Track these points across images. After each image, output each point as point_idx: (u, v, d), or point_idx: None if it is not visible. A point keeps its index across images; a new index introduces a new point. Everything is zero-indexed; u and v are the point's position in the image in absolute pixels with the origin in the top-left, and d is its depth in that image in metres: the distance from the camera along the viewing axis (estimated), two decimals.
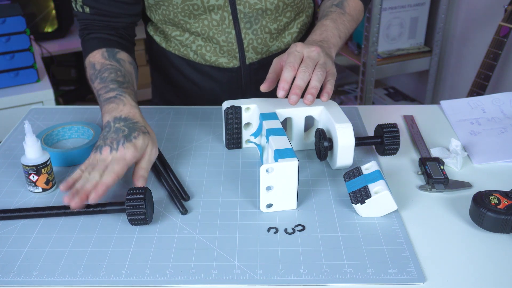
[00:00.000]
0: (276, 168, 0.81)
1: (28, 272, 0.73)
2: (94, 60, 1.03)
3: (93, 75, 1.01)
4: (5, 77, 1.80)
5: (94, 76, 1.01)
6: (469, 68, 2.32)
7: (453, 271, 0.73)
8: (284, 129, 0.96)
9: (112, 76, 0.99)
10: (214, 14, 1.07)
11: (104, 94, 0.95)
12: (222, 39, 1.11)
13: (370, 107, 1.19)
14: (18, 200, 0.89)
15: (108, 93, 0.95)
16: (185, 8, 1.06)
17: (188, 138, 1.06)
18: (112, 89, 0.95)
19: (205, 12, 1.07)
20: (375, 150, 1.01)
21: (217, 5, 1.06)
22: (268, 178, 0.82)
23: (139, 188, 0.81)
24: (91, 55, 1.05)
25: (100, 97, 0.96)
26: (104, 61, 1.02)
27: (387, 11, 2.33)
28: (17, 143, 1.05)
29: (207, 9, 1.06)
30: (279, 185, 0.83)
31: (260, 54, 1.16)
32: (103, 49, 1.04)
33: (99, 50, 1.04)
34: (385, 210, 0.83)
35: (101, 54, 1.04)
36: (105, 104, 0.94)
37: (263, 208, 0.85)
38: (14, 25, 1.74)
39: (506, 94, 1.15)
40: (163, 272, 0.73)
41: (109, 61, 1.02)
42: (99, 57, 1.03)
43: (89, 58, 1.05)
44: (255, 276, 0.72)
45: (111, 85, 0.96)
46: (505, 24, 1.90)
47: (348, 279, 0.72)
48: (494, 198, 0.80)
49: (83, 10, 1.07)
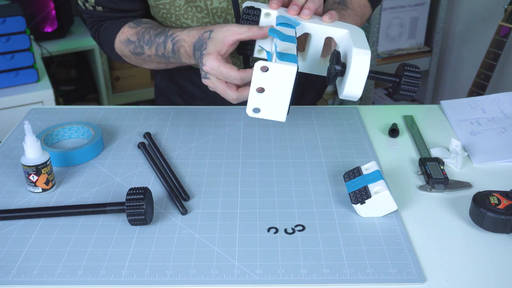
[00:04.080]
0: (272, 68, 0.75)
1: (28, 272, 0.73)
2: (126, 35, 1.05)
3: (136, 47, 1.04)
4: (5, 77, 1.80)
5: (138, 47, 1.03)
6: (469, 68, 2.32)
7: (453, 271, 0.73)
8: (301, 49, 0.91)
9: (152, 32, 1.01)
10: (218, 17, 1.07)
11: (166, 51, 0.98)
12: None
13: (370, 107, 1.19)
14: (18, 200, 0.89)
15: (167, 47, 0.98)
16: (188, 9, 1.06)
17: (188, 138, 1.06)
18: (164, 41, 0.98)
19: (208, 15, 1.07)
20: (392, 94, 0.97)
21: (220, 7, 1.06)
22: (261, 78, 0.76)
23: (139, 188, 0.81)
24: (119, 34, 1.06)
25: (166, 55, 0.99)
26: (136, 30, 1.04)
27: (387, 11, 2.33)
28: (17, 143, 1.05)
29: (210, 11, 1.06)
30: (271, 89, 0.77)
31: None
32: (127, 23, 1.07)
33: (124, 26, 1.06)
34: (385, 210, 0.83)
35: (128, 26, 1.06)
36: (179, 55, 0.97)
37: (249, 111, 0.79)
38: (14, 25, 1.74)
39: (506, 94, 1.15)
40: (163, 272, 0.73)
41: (140, 26, 1.05)
42: (128, 30, 1.05)
43: (118, 37, 1.07)
44: (255, 276, 0.72)
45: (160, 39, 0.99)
46: (505, 24, 1.90)
47: (348, 279, 0.72)
48: (494, 198, 0.80)
49: (94, 9, 1.08)
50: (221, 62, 0.86)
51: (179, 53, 0.97)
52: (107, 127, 1.10)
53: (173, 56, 0.99)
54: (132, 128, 1.10)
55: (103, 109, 1.18)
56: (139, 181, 0.94)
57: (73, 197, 0.90)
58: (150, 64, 1.08)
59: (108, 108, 1.19)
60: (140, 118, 1.14)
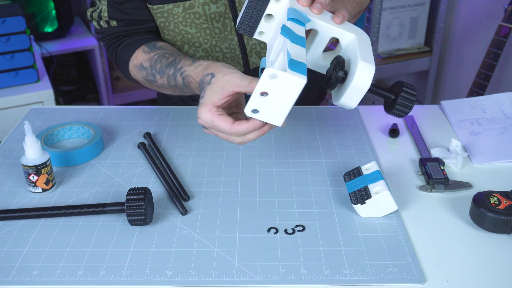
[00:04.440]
0: (282, 77, 0.74)
1: (28, 273, 0.73)
2: (140, 60, 1.03)
3: (148, 74, 1.02)
4: (5, 77, 1.80)
5: (150, 75, 1.01)
6: (469, 68, 2.32)
7: (453, 271, 0.73)
8: None
9: (164, 62, 0.99)
10: (216, 22, 1.07)
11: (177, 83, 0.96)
12: (225, 46, 1.10)
13: (370, 107, 1.19)
14: (18, 200, 0.89)
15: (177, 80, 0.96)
16: (186, 17, 1.05)
17: (188, 138, 1.06)
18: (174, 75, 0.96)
19: (207, 21, 1.06)
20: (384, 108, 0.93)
21: (218, 12, 1.05)
22: (268, 84, 0.74)
23: (139, 188, 0.81)
24: (133, 57, 1.04)
25: (178, 86, 0.97)
26: (149, 56, 1.02)
27: (387, 11, 2.33)
28: (17, 143, 1.05)
29: (209, 17, 1.06)
30: (276, 95, 0.75)
31: None
32: (141, 47, 1.05)
33: (139, 49, 1.04)
34: (385, 211, 0.83)
35: (142, 50, 1.04)
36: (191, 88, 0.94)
37: (247, 111, 0.77)
38: (14, 25, 1.74)
39: (506, 94, 1.15)
40: (163, 273, 0.73)
41: (153, 52, 1.02)
42: (142, 55, 1.03)
43: (132, 61, 1.05)
44: (255, 277, 0.72)
45: (170, 71, 0.97)
46: (505, 24, 1.90)
47: (348, 279, 0.72)
48: (494, 199, 0.80)
49: (109, 25, 1.06)
50: (215, 115, 0.81)
51: (191, 87, 0.94)
52: (107, 127, 1.10)
53: (186, 88, 0.96)
54: (132, 128, 1.10)
55: (103, 109, 1.18)
56: (139, 181, 0.94)
57: (73, 197, 0.90)
58: (166, 91, 1.05)
59: (108, 108, 1.19)
60: (140, 118, 1.14)
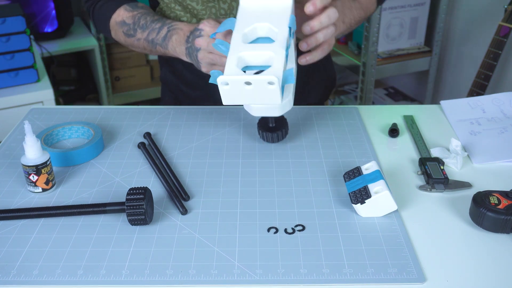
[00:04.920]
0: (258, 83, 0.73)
1: (28, 272, 0.73)
2: (122, 17, 1.06)
3: (129, 29, 1.04)
4: (5, 77, 1.80)
5: (131, 29, 1.04)
6: (469, 68, 2.32)
7: (453, 271, 0.73)
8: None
9: (149, 18, 1.02)
10: (223, 3, 1.07)
11: (157, 37, 0.99)
12: None
13: (370, 107, 1.19)
14: (18, 200, 0.89)
15: (160, 33, 0.98)
16: None
17: (188, 138, 1.06)
18: (160, 28, 0.99)
19: (214, 0, 1.07)
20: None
21: None
22: (258, 83, 0.73)
23: (139, 188, 0.81)
24: (115, 15, 1.07)
25: (155, 41, 1.00)
26: (132, 13, 1.05)
27: (387, 11, 2.33)
28: (17, 143, 1.05)
29: None
30: (256, 89, 0.75)
31: None
32: (123, 5, 1.07)
33: (120, 8, 1.07)
34: (385, 210, 0.83)
35: (124, 9, 1.07)
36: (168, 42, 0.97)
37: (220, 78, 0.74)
38: (14, 25, 1.74)
39: (506, 94, 1.15)
40: (163, 272, 0.73)
41: (136, 11, 1.05)
42: (124, 13, 1.06)
43: (114, 18, 1.07)
44: (255, 276, 0.72)
45: (156, 25, 0.99)
46: (505, 24, 1.90)
47: (348, 279, 0.72)
48: (494, 198, 0.80)
49: None
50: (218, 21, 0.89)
51: (170, 40, 0.98)
52: (107, 127, 1.10)
53: (162, 43, 1.00)
54: (132, 128, 1.10)
55: (103, 109, 1.18)
56: (139, 181, 0.94)
57: (73, 197, 0.90)
58: (137, 48, 1.09)
59: (108, 108, 1.19)
60: (140, 118, 1.14)
